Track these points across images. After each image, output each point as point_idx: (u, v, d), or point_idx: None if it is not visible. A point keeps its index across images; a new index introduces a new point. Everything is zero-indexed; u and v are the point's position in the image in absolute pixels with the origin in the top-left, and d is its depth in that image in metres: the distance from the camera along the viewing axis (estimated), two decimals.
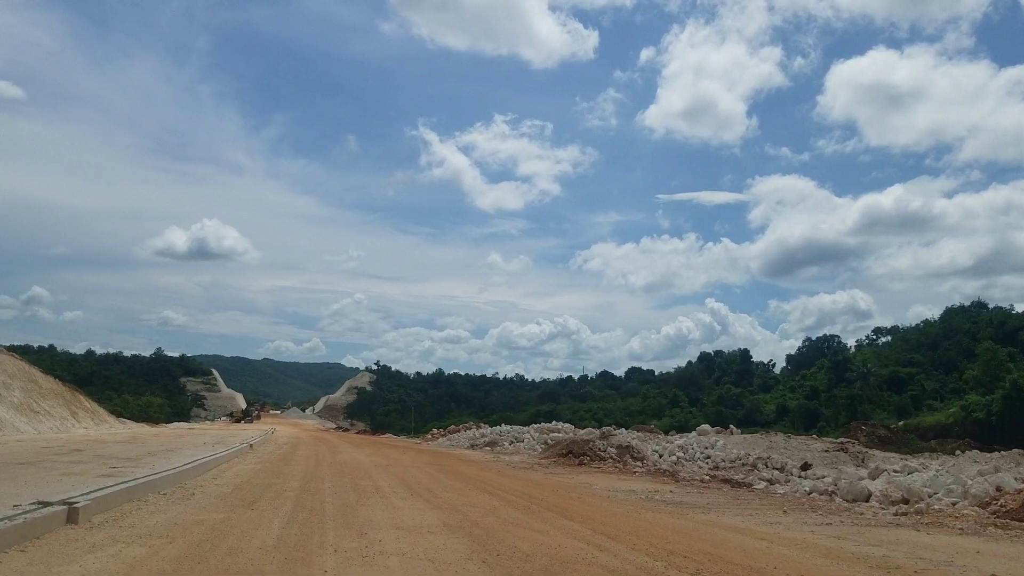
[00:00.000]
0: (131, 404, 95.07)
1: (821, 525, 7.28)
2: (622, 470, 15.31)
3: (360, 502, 7.96)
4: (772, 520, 7.45)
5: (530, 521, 6.65)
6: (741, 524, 7.04)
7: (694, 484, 11.95)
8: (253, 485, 9.52)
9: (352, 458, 17.18)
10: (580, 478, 12.52)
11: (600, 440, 20.85)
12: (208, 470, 12.00)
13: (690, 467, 21.31)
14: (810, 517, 7.93)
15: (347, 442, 31.32)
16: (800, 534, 6.51)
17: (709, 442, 24.85)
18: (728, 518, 7.51)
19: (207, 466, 12.60)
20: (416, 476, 11.89)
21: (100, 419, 41.85)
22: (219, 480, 10.15)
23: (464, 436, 32.23)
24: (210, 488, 8.97)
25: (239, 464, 13.88)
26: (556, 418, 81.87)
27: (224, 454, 15.88)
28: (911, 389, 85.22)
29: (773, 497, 10.78)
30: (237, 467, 12.98)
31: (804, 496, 12.96)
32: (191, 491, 8.56)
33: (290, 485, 9.67)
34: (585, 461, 16.48)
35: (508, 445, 27.28)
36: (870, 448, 28.18)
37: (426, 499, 8.46)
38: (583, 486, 10.89)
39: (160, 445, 18.77)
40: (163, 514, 6.47)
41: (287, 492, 8.81)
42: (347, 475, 11.91)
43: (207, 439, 23.44)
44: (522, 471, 14.26)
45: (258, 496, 8.25)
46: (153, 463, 12.02)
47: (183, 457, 14.05)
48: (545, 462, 17.20)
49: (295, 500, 7.89)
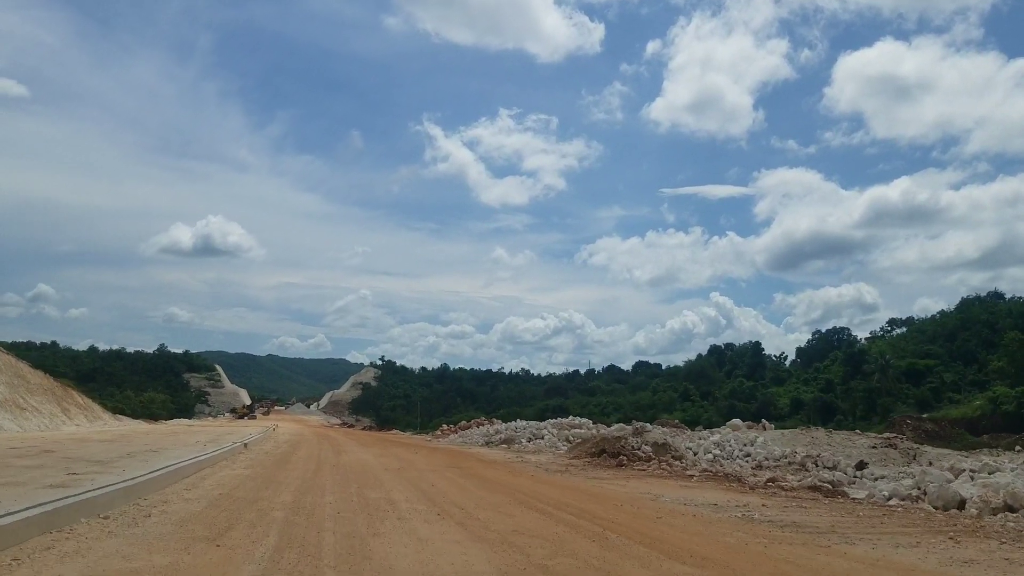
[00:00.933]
0: (133, 401, 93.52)
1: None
2: (671, 472, 13.15)
3: (372, 529, 5.84)
4: (957, 556, 5.21)
5: (625, 566, 4.52)
6: (927, 567, 4.85)
7: (778, 492, 9.82)
8: (233, 500, 7.40)
9: (358, 459, 15.05)
10: (632, 485, 10.41)
11: (633, 437, 18.67)
12: (185, 477, 9.90)
13: (731, 466, 19.21)
14: (991, 546, 5.75)
15: (352, 439, 29.22)
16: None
17: (747, 438, 22.67)
18: (891, 552, 5.30)
19: (186, 471, 10.51)
20: (437, 484, 9.77)
21: (94, 416, 39.94)
22: (192, 492, 8.02)
23: (477, 433, 30.12)
24: (175, 506, 6.85)
25: (226, 468, 11.78)
26: (564, 413, 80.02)
27: (213, 455, 13.83)
28: (930, 382, 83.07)
29: (880, 508, 8.64)
30: (222, 472, 10.88)
31: (903, 505, 10.75)
32: (147, 511, 6.45)
33: (281, 500, 7.55)
34: (624, 462, 14.31)
35: (527, 443, 25.15)
36: (918, 444, 25.94)
37: (460, 521, 6.34)
38: (646, 497, 8.76)
39: (146, 445, 16.84)
40: (80, 557, 4.36)
41: (274, 511, 6.69)
42: (353, 483, 9.78)
43: (201, 437, 21.49)
44: (558, 475, 12.13)
45: (234, 519, 6.13)
46: (125, 468, 10.17)
47: (163, 459, 12.19)
48: (577, 463, 15.04)
49: (283, 526, 5.78)
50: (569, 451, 18.39)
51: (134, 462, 11.90)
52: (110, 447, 15.86)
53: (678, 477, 12.03)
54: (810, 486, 10.72)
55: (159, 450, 15.25)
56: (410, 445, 24.90)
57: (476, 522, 6.29)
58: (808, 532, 6.26)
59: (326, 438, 28.67)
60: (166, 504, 6.98)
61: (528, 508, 7.33)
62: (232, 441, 17.35)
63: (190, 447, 16.41)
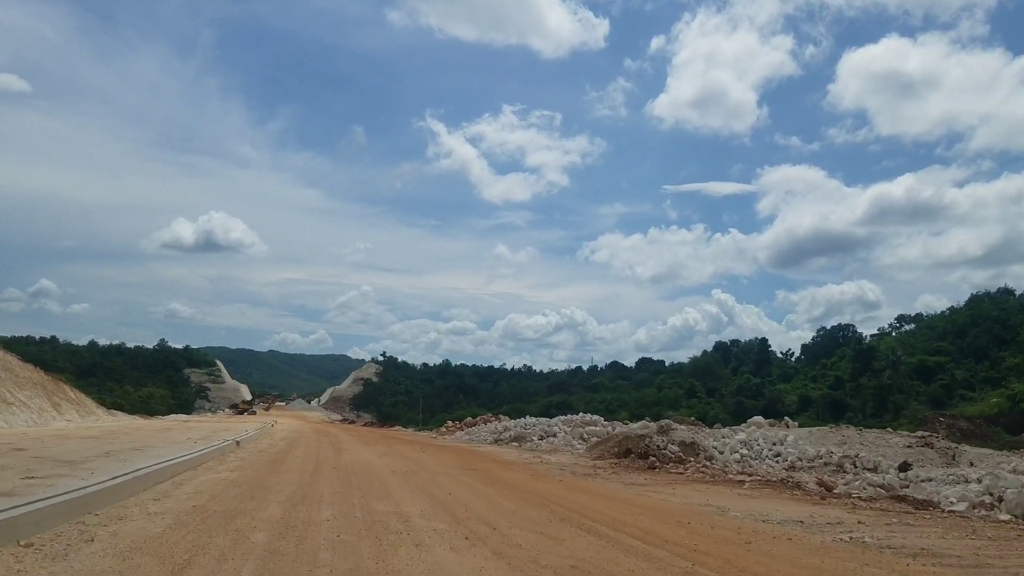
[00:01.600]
0: (132, 396, 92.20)
1: None
2: (713, 477, 11.68)
3: (383, 562, 4.41)
4: None
5: None
6: None
7: (858, 504, 8.32)
8: (207, 515, 5.95)
9: (361, 460, 13.60)
10: (682, 493, 8.94)
11: (658, 436, 17.23)
12: (160, 481, 8.47)
13: (761, 467, 17.79)
14: None
15: (354, 436, 27.78)
16: None
17: (777, 437, 21.18)
18: None
19: (163, 474, 9.10)
20: (455, 492, 8.32)
21: (87, 411, 38.60)
22: (159, 504, 6.58)
23: (485, 430, 28.67)
24: (130, 525, 5.41)
25: (210, 471, 10.35)
26: (569, 409, 78.65)
27: (199, 454, 12.42)
28: (941, 379, 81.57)
29: (1003, 527, 7.13)
30: (205, 476, 9.44)
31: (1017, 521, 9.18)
32: (91, 533, 5.01)
33: (266, 515, 6.10)
34: (657, 464, 12.82)
35: (538, 441, 23.70)
36: (955, 443, 24.48)
37: (496, 550, 4.90)
38: (709, 511, 7.27)
39: (131, 442, 15.46)
40: None
41: (255, 533, 5.23)
42: (355, 489, 8.33)
43: (194, 434, 20.09)
44: (588, 479, 10.66)
45: (199, 546, 4.68)
46: (94, 470, 8.86)
47: (143, 460, 10.84)
48: (603, 464, 13.58)
49: (262, 559, 4.34)
50: (589, 451, 16.93)
51: (109, 463, 10.54)
52: (91, 445, 14.50)
53: (726, 483, 10.55)
54: (894, 496, 9.24)
55: (143, 448, 13.86)
56: (415, 443, 23.46)
57: (518, 551, 4.83)
58: (958, 566, 4.81)
59: (326, 435, 27.25)
60: (121, 522, 5.53)
61: (576, 527, 5.87)
62: (224, 438, 15.91)
63: (178, 445, 15.01)
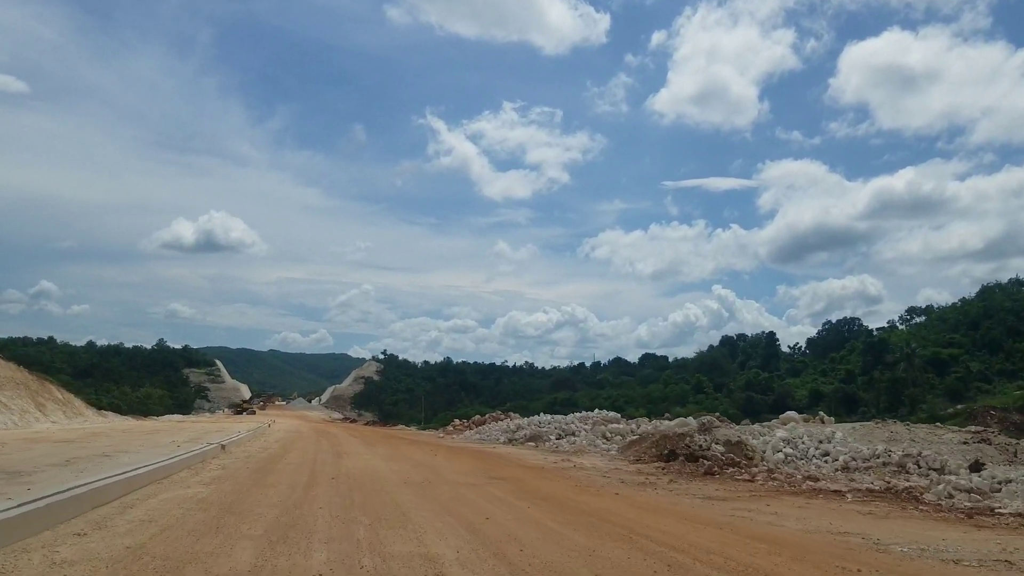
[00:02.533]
0: (130, 396, 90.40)
1: None
2: (797, 486, 9.78)
3: None
4: None
5: None
6: None
7: (1008, 522, 6.48)
8: (137, 568, 4.08)
9: (365, 466, 11.75)
10: (781, 510, 7.05)
11: (700, 435, 15.36)
12: (102, 503, 6.62)
13: (808, 467, 15.92)
14: None
15: (356, 436, 25.96)
16: None
17: (823, 434, 19.29)
18: None
19: (115, 491, 7.28)
20: (492, 513, 6.46)
21: (75, 412, 36.86)
22: (78, 545, 4.72)
23: (496, 429, 26.83)
24: None
25: (177, 485, 8.52)
26: (574, 406, 76.90)
27: (174, 461, 10.62)
28: (955, 371, 79.86)
29: None
30: (167, 493, 7.61)
31: None
32: None
33: (228, 565, 4.22)
34: (715, 469, 10.92)
35: (556, 440, 21.82)
36: (1014, 439, 22.63)
37: None
38: (856, 542, 5.28)
39: (107, 446, 13.75)
40: None
41: None
42: (360, 512, 6.49)
43: (181, 436, 18.31)
44: (648, 492, 8.78)
45: None
46: (35, 484, 7.46)
47: (107, 469, 9.22)
48: (648, 469, 11.73)
49: None
50: (622, 452, 15.07)
51: (61, 474, 8.76)
52: (58, 450, 12.75)
53: (815, 493, 8.64)
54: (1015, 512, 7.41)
55: (114, 454, 12.08)
56: (422, 443, 21.64)
57: None
58: None
59: (326, 435, 25.41)
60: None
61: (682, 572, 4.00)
62: (209, 441, 14.07)
63: (159, 449, 13.22)
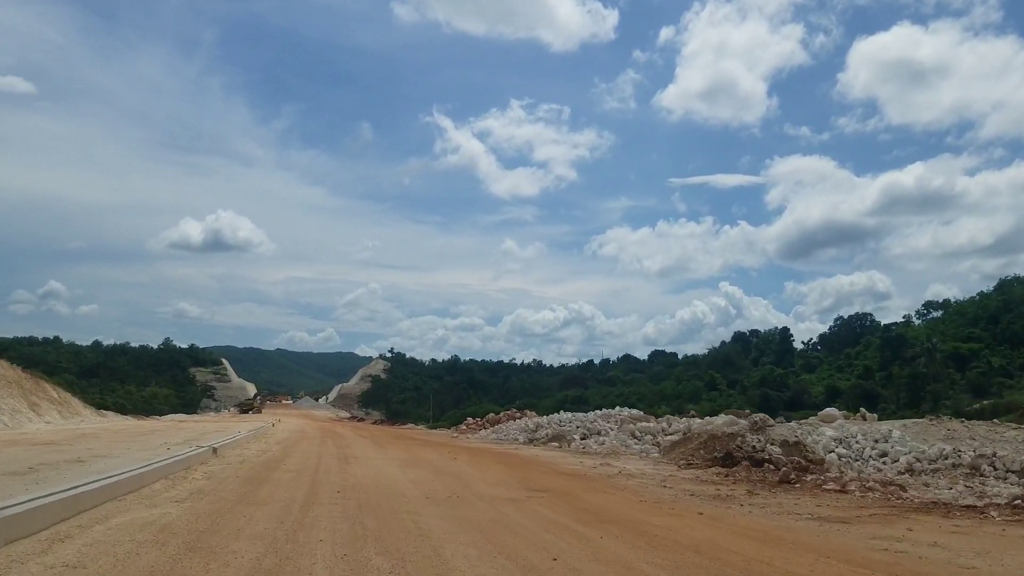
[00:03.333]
0: (135, 396, 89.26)
1: None
2: (905, 500, 8.06)
3: None
4: None
5: None
6: None
7: None
8: None
9: (377, 474, 10.11)
10: (923, 536, 5.41)
11: (752, 435, 13.64)
12: (30, 533, 5.00)
13: (864, 468, 14.21)
14: None
15: (364, 437, 24.35)
16: None
17: (878, 433, 17.53)
18: None
19: (60, 510, 5.71)
20: (555, 546, 4.80)
21: (71, 412, 35.48)
22: None
23: (514, 428, 25.18)
24: None
25: (143, 503, 6.93)
26: (584, 403, 75.28)
27: (156, 468, 9.06)
28: (976, 366, 77.80)
29: None
30: (125, 516, 6.02)
31: None
32: None
33: None
34: (792, 477, 9.19)
35: (581, 441, 20.14)
36: None
37: None
38: None
39: (88, 449, 12.32)
40: None
41: None
42: (373, 547, 4.86)
43: (176, 437, 16.80)
44: (732, 509, 7.09)
45: None
46: None
47: (76, 476, 8.06)
48: (707, 475, 10.04)
49: None
50: (665, 454, 13.36)
51: (13, 485, 7.26)
52: (30, 455, 11.27)
53: (942, 508, 6.92)
54: None
55: (91, 459, 10.55)
56: (436, 444, 20.00)
57: None
58: None
59: (332, 436, 23.80)
60: None
61: None
62: (199, 445, 12.47)
63: (145, 452, 11.67)
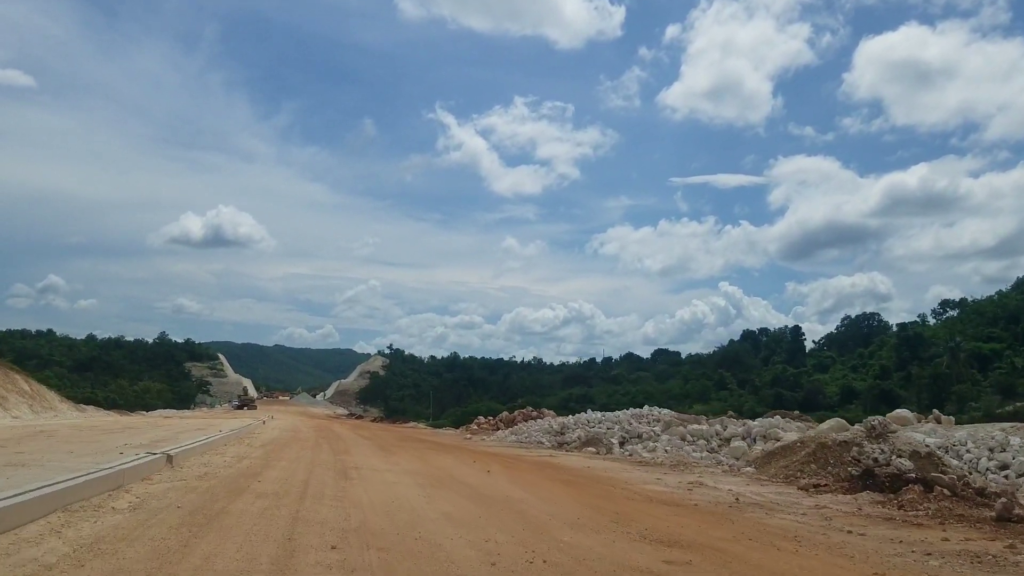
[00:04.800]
0: (127, 390, 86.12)
1: None
2: None
3: None
4: None
5: None
6: None
7: None
8: None
9: (391, 502, 7.05)
10: None
11: (871, 443, 10.60)
12: None
13: (982, 481, 11.13)
14: None
15: (364, 438, 21.35)
16: None
17: (993, 440, 14.49)
18: None
19: None
20: None
21: (44, 405, 32.42)
22: None
23: (535, 429, 22.18)
24: None
25: (40, 545, 3.85)
26: (590, 402, 72.35)
27: (55, 491, 6.06)
28: (998, 367, 75.06)
29: None
30: None
31: None
32: None
33: None
34: (1016, 516, 6.20)
35: (620, 446, 17.12)
36: None
37: None
38: None
39: (30, 452, 9.74)
40: None
41: None
42: None
43: (143, 437, 13.94)
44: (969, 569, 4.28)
45: None
46: None
47: None
48: (843, 500, 7.05)
49: None
50: (762, 468, 10.33)
51: None
52: None
53: None
54: None
55: (24, 466, 7.57)
56: (452, 448, 17.00)
57: None
58: None
59: (328, 437, 20.78)
60: None
61: None
62: (152, 452, 9.44)
63: (90, 458, 8.81)
